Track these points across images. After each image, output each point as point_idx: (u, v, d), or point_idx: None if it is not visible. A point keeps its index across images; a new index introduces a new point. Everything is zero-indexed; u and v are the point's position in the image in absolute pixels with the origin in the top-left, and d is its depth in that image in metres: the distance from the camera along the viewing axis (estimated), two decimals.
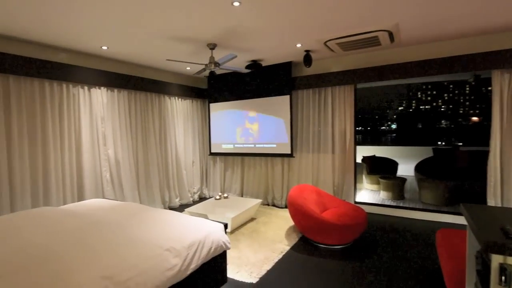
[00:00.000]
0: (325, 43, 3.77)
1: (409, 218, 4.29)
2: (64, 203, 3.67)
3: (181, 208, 5.04)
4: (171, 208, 5.03)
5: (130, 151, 4.54)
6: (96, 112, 4.10)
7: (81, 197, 3.89)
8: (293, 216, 3.55)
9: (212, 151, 5.82)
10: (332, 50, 4.12)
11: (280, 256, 3.12)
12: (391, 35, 3.53)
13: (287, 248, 3.33)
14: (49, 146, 3.55)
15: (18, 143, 3.29)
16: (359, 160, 5.60)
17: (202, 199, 5.84)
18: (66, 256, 1.73)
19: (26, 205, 3.33)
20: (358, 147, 4.83)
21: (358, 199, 4.78)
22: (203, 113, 6.07)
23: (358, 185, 4.90)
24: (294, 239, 3.58)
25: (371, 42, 3.75)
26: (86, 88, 3.98)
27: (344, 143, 4.62)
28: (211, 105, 5.76)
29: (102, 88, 4.16)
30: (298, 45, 3.89)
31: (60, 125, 3.70)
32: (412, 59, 4.05)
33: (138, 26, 3.03)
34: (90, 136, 4.03)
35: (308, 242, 3.47)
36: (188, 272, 2.04)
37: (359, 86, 4.61)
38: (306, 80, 4.80)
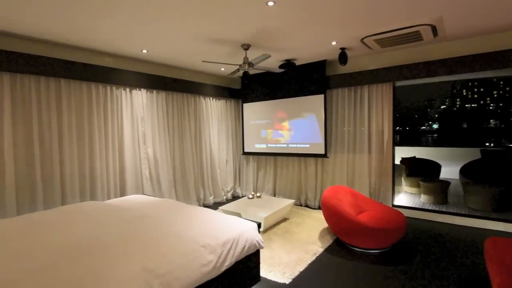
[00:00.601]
0: (362, 40, 3.64)
1: (452, 224, 4.00)
2: (108, 198, 3.93)
3: (215, 206, 5.16)
4: (205, 206, 5.17)
5: (168, 150, 4.73)
6: (137, 112, 4.33)
7: (123, 193, 4.14)
8: (327, 217, 3.48)
9: (245, 150, 5.89)
10: (369, 47, 3.97)
11: (314, 258, 3.07)
12: (434, 29, 3.32)
13: (321, 250, 3.27)
14: (95, 145, 3.82)
15: (68, 141, 3.57)
16: (397, 161, 5.34)
17: (235, 197, 5.93)
18: (111, 247, 1.84)
19: (75, 199, 3.61)
20: (396, 148, 4.61)
21: (396, 202, 4.56)
22: (236, 113, 6.16)
23: (396, 188, 4.68)
24: (328, 241, 3.50)
25: (412, 37, 3.55)
26: (127, 89, 4.22)
27: (382, 144, 4.43)
28: (245, 105, 5.82)
29: (142, 89, 4.39)
30: (333, 43, 3.80)
31: (105, 125, 3.96)
32: (458, 54, 3.77)
33: (176, 29, 3.15)
34: (131, 135, 4.26)
35: (342, 245, 3.38)
36: (223, 269, 2.08)
37: (398, 84, 4.39)
38: (341, 78, 4.67)
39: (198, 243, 2.01)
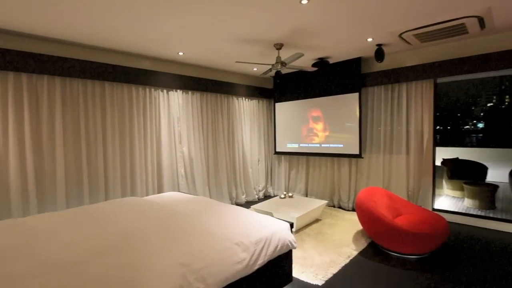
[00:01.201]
0: (400, 35, 3.48)
1: (501, 231, 3.69)
2: (147, 194, 4.14)
3: (247, 204, 5.22)
4: (237, 204, 5.25)
5: (202, 149, 4.88)
6: (173, 113, 4.51)
7: (160, 190, 4.34)
8: (362, 220, 3.38)
9: (277, 150, 5.89)
10: (408, 42, 3.78)
11: (347, 261, 3.00)
12: (481, 21, 3.09)
13: (355, 253, 3.18)
14: (135, 144, 4.04)
15: (111, 140, 3.82)
16: (438, 162, 5.04)
17: (266, 197, 5.95)
18: (149, 241, 1.94)
19: (117, 194, 3.85)
20: (437, 149, 4.34)
21: (437, 206, 4.30)
22: (268, 112, 6.18)
23: (436, 191, 4.41)
24: (363, 244, 3.40)
25: (456, 30, 3.33)
26: (165, 91, 4.41)
27: (421, 144, 4.20)
28: (277, 104, 5.82)
29: (178, 90, 4.56)
30: (369, 40, 3.68)
31: (144, 125, 4.18)
32: (508, 47, 3.47)
33: (211, 32, 3.24)
34: (168, 135, 4.45)
35: (378, 249, 3.26)
36: (255, 268, 2.10)
37: (439, 80, 4.14)
38: (377, 76, 4.50)
39: (231, 240, 2.05)
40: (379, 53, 3.93)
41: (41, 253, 1.79)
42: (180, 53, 4.05)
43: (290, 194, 4.77)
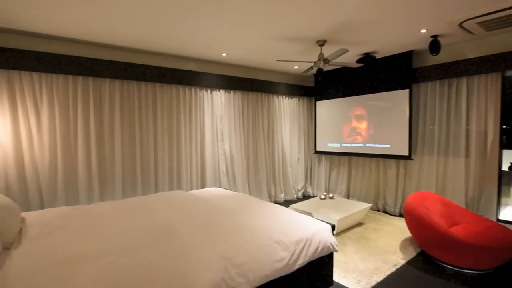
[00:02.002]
0: (460, 24, 3.15)
1: None
2: (191, 189, 4.31)
3: (285, 203, 5.16)
4: (276, 203, 5.21)
5: (242, 147, 4.93)
6: (216, 112, 4.63)
7: (203, 185, 4.48)
8: (411, 226, 3.13)
9: (318, 149, 5.73)
10: (470, 32, 3.40)
11: (394, 270, 2.80)
12: None
13: (402, 261, 2.96)
14: (181, 141, 4.23)
15: (160, 138, 4.04)
16: (505, 167, 4.47)
17: (305, 197, 5.83)
18: (194, 233, 2.01)
19: (165, 187, 4.07)
20: (504, 152, 3.85)
21: (502, 216, 3.82)
22: (309, 111, 6.04)
23: (502, 199, 3.92)
24: (411, 253, 3.15)
25: None
26: (209, 91, 4.54)
27: (484, 145, 3.76)
28: (318, 102, 5.67)
29: (221, 90, 4.67)
30: (423, 31, 3.38)
31: (190, 123, 4.35)
32: None
33: (253, 31, 3.24)
34: (211, 133, 4.58)
35: (429, 260, 2.99)
36: (295, 268, 2.06)
37: (508, 73, 3.65)
38: (432, 70, 4.13)
39: (272, 238, 2.04)
40: (435, 45, 3.60)
41: (103, 236, 1.97)
42: (224, 54, 4.13)
43: (330, 195, 4.61)
